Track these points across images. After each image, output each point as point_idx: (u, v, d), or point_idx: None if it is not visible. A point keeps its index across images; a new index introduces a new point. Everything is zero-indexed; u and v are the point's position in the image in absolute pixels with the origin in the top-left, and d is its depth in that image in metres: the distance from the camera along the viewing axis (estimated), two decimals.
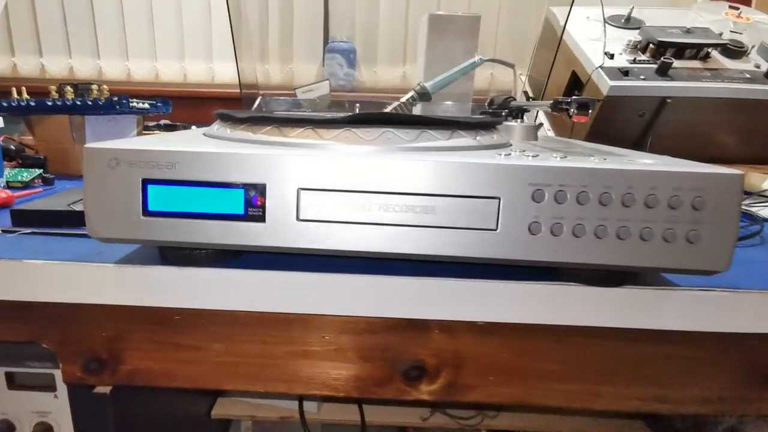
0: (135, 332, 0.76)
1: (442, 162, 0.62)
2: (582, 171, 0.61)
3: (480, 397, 0.76)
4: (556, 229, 0.62)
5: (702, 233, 0.61)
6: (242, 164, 0.63)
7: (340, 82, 2.38)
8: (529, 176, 0.61)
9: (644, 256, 0.62)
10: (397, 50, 2.62)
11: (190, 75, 2.71)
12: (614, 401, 0.76)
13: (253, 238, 0.65)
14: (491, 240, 0.63)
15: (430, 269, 0.72)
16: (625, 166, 0.61)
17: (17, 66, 2.70)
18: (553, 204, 0.62)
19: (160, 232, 0.65)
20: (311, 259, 0.73)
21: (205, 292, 0.71)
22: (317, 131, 0.70)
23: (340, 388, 0.77)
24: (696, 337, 0.72)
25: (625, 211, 0.61)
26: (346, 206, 0.63)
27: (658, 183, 0.60)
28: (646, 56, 1.50)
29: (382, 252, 0.64)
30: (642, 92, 1.41)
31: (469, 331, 0.74)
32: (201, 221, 0.65)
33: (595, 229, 0.62)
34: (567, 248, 0.62)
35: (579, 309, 0.70)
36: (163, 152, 0.63)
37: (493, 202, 0.62)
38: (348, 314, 0.72)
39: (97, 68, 2.70)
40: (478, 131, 0.76)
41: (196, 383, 0.77)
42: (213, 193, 0.64)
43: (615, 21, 1.63)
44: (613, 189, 0.61)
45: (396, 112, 0.72)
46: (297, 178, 0.63)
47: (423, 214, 0.63)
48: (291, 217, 0.64)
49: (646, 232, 0.61)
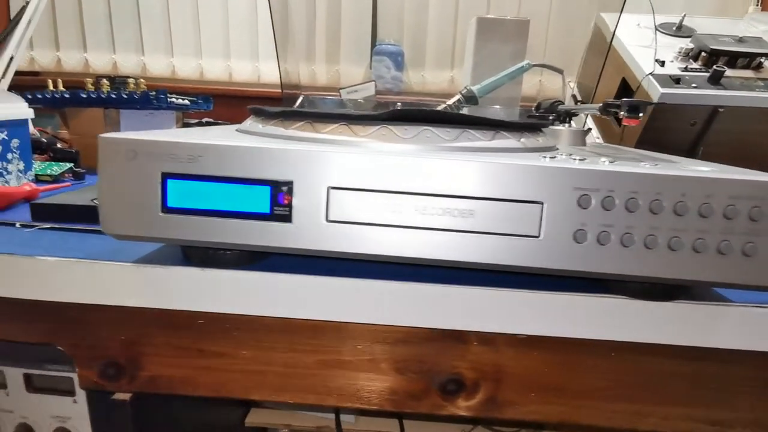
0: (155, 336, 0.73)
1: (482, 163, 0.58)
2: (632, 176, 0.57)
3: (520, 414, 0.73)
4: (603, 237, 0.58)
5: (759, 246, 0.57)
6: (268, 160, 0.59)
7: (387, 85, 2.35)
8: (575, 180, 0.58)
9: (697, 269, 0.58)
10: (446, 54, 2.59)
11: (235, 74, 2.69)
12: (663, 422, 0.72)
13: (280, 239, 0.61)
14: (533, 248, 0.60)
15: (469, 277, 0.68)
16: (678, 172, 0.57)
17: (61, 60, 2.70)
18: (600, 211, 0.58)
19: (179, 230, 0.62)
20: (344, 264, 0.70)
21: (230, 296, 0.68)
22: (352, 128, 0.66)
23: (373, 401, 0.74)
24: (752, 357, 0.68)
25: (677, 221, 0.57)
26: (378, 208, 0.60)
27: (713, 191, 0.56)
28: (698, 64, 1.46)
29: (417, 258, 0.61)
30: (693, 100, 1.37)
31: (510, 344, 0.70)
32: (224, 220, 0.61)
33: (645, 239, 0.58)
34: (614, 259, 0.59)
35: (627, 324, 0.66)
36: (184, 144, 0.60)
37: (536, 207, 0.59)
38: (382, 323, 0.69)
39: (141, 64, 2.70)
40: (523, 133, 0.73)
41: (220, 392, 0.74)
42: (237, 189, 0.60)
43: (666, 29, 1.59)
44: (665, 196, 0.57)
45: (435, 110, 0.69)
46: (327, 176, 0.59)
47: (461, 218, 0.59)
48: (320, 218, 0.60)
49: (700, 244, 0.57)
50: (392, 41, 2.46)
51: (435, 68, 2.62)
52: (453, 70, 2.62)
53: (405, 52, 2.45)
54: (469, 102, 1.35)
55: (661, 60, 1.45)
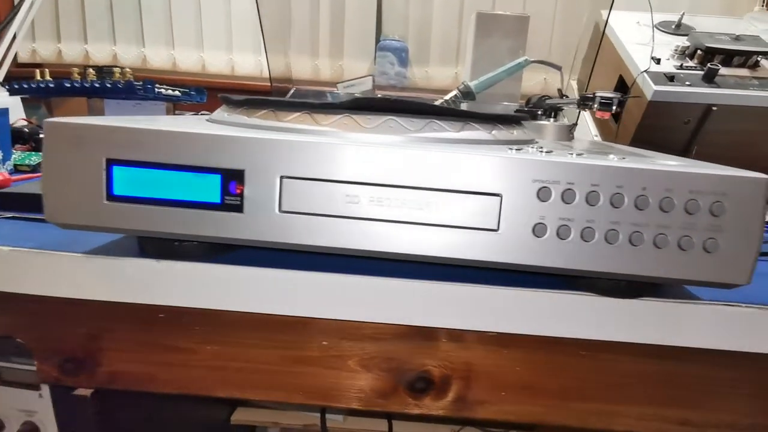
0: (114, 331, 0.71)
1: (439, 153, 0.57)
2: (592, 168, 0.55)
3: (491, 414, 0.71)
4: (562, 231, 0.57)
5: (721, 242, 0.56)
6: (219, 147, 0.58)
7: (390, 81, 2.34)
8: (534, 172, 0.56)
9: (658, 265, 0.57)
10: (450, 50, 2.58)
11: (237, 67, 2.68)
12: (636, 423, 0.71)
13: (230, 230, 0.59)
14: (492, 241, 0.58)
15: (438, 272, 0.66)
16: (638, 165, 0.55)
17: (62, 52, 2.69)
18: (560, 204, 0.56)
19: (125, 219, 0.60)
20: (309, 257, 0.68)
21: (191, 289, 0.66)
22: (314, 116, 0.65)
23: (340, 399, 0.72)
24: (724, 357, 0.67)
25: (638, 215, 0.56)
26: (332, 198, 0.58)
27: (674, 185, 0.55)
28: (694, 62, 1.44)
29: (371, 251, 0.59)
30: (687, 98, 1.36)
31: (480, 341, 0.69)
32: (172, 209, 0.59)
33: (606, 233, 0.56)
34: (575, 253, 0.57)
35: (596, 322, 0.65)
36: (130, 130, 0.58)
37: (495, 199, 0.57)
38: (349, 318, 0.67)
39: (142, 56, 2.69)
40: (495, 125, 0.71)
41: (183, 389, 0.73)
42: (186, 178, 0.59)
43: (665, 27, 1.58)
44: (626, 189, 0.55)
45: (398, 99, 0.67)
46: (279, 165, 0.58)
47: (418, 210, 0.58)
48: (272, 209, 0.59)
49: (661, 239, 0.56)
50: (396, 37, 2.45)
51: (439, 64, 2.61)
52: (458, 66, 2.61)
53: (409, 48, 2.44)
54: (467, 98, 1.33)
55: (657, 57, 1.44)
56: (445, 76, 2.61)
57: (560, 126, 0.97)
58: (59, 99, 1.34)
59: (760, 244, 0.56)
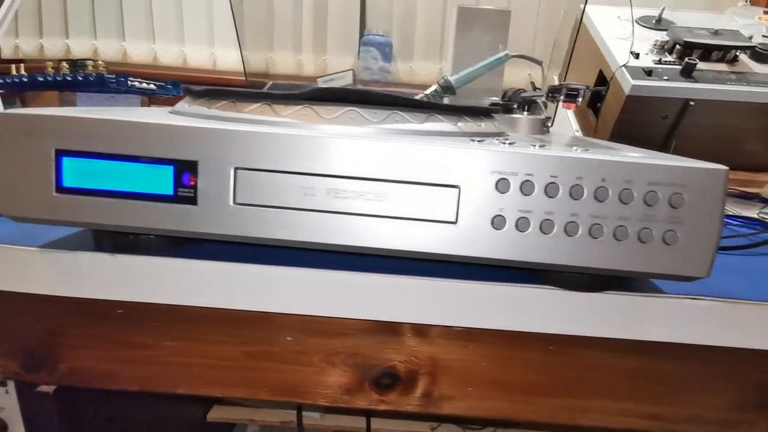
0: (73, 326, 0.70)
1: (396, 144, 0.56)
2: (550, 159, 0.55)
3: (459, 410, 0.71)
4: (521, 224, 0.56)
5: (680, 234, 0.55)
6: (171, 138, 0.56)
7: (374, 77, 2.33)
8: (492, 164, 0.55)
9: (617, 258, 0.56)
10: (434, 46, 2.57)
11: (219, 62, 2.66)
12: (603, 417, 0.70)
13: (184, 222, 0.58)
14: (450, 234, 0.57)
15: (403, 267, 0.66)
16: (597, 156, 0.55)
17: (44, 47, 2.67)
18: (519, 196, 0.56)
19: (75, 212, 0.59)
20: (273, 251, 0.67)
21: (148, 284, 0.65)
22: (273, 107, 0.64)
23: (306, 395, 0.71)
24: (692, 351, 0.66)
25: (597, 207, 0.55)
26: (288, 190, 0.57)
27: (633, 176, 0.54)
28: (673, 57, 1.44)
29: (328, 244, 0.58)
30: (664, 93, 1.35)
31: (446, 336, 0.68)
32: (123, 201, 0.58)
33: (565, 225, 0.56)
34: (534, 246, 0.56)
35: (561, 316, 0.64)
36: (80, 120, 0.57)
37: (453, 191, 0.56)
38: (312, 313, 0.67)
39: (122, 50, 2.67)
40: (461, 117, 0.70)
41: (145, 386, 0.72)
42: (137, 169, 0.57)
43: (646, 22, 1.58)
44: (585, 181, 0.55)
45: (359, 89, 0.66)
46: (233, 157, 0.56)
47: (375, 202, 0.57)
48: (227, 201, 0.57)
49: (620, 231, 0.55)
50: (380, 32, 2.44)
51: (424, 59, 2.60)
52: (442, 62, 2.60)
53: (393, 43, 2.43)
54: (447, 92, 1.33)
55: (636, 52, 1.44)
56: (429, 71, 2.60)
57: (534, 119, 0.96)
58: (33, 93, 1.33)
59: (719, 236, 0.55)
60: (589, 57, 1.55)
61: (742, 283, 0.70)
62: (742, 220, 1.07)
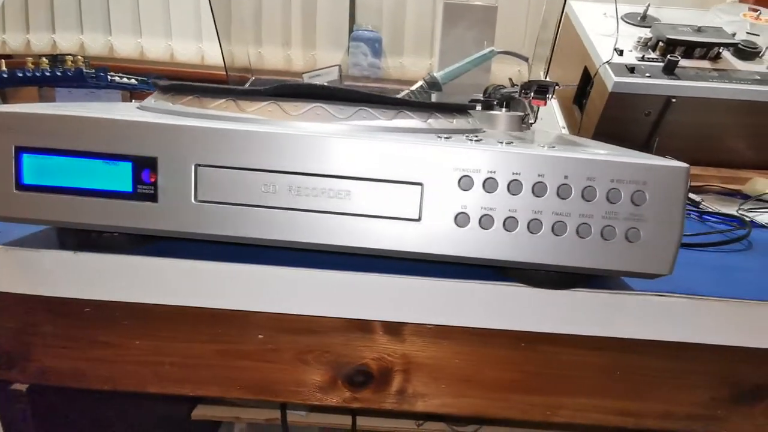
0: (41, 325, 0.69)
1: (359, 140, 0.55)
2: (512, 156, 0.54)
3: (433, 407, 0.70)
4: (485, 221, 0.55)
5: (642, 231, 0.55)
6: (130, 134, 0.56)
7: (364, 72, 2.32)
8: (455, 161, 0.55)
9: (581, 255, 0.56)
10: (424, 41, 2.57)
11: (207, 57, 2.66)
12: (576, 414, 0.70)
13: (144, 220, 0.58)
14: (414, 232, 0.57)
15: (374, 264, 0.65)
16: (559, 153, 0.54)
17: (31, 43, 2.67)
18: (482, 193, 0.55)
19: (35, 209, 0.58)
20: (244, 249, 0.66)
21: (114, 283, 0.65)
22: (239, 103, 0.63)
23: (278, 393, 0.71)
24: (661, 347, 0.67)
25: (560, 204, 0.55)
26: (248, 187, 0.56)
27: (595, 173, 0.54)
28: (656, 54, 1.44)
29: (290, 241, 0.58)
30: (646, 90, 1.36)
31: (418, 334, 0.68)
32: (83, 199, 0.58)
33: (528, 222, 0.55)
34: (497, 243, 0.56)
35: (532, 313, 0.64)
36: (39, 116, 0.56)
37: (416, 188, 0.56)
38: (283, 312, 0.66)
39: (109, 45, 2.66)
40: (432, 114, 0.69)
41: (115, 385, 0.71)
42: (98, 166, 0.57)
43: (631, 18, 1.58)
44: (547, 178, 0.54)
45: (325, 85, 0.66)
46: (194, 153, 0.56)
47: (337, 199, 0.56)
48: (188, 198, 0.57)
49: (583, 228, 0.55)
50: (370, 27, 2.44)
51: (414, 55, 2.60)
52: (432, 57, 2.60)
53: (383, 39, 2.43)
54: (433, 88, 1.32)
55: (620, 49, 1.44)
56: (420, 67, 2.60)
57: (512, 116, 0.95)
58: (13, 89, 1.32)
59: (681, 233, 0.55)
60: (575, 53, 1.55)
61: (711, 279, 0.71)
62: (720, 216, 1.07)
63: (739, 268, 0.77)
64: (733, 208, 1.15)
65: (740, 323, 0.64)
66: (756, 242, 0.91)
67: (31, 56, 1.37)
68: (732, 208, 1.15)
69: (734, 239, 0.88)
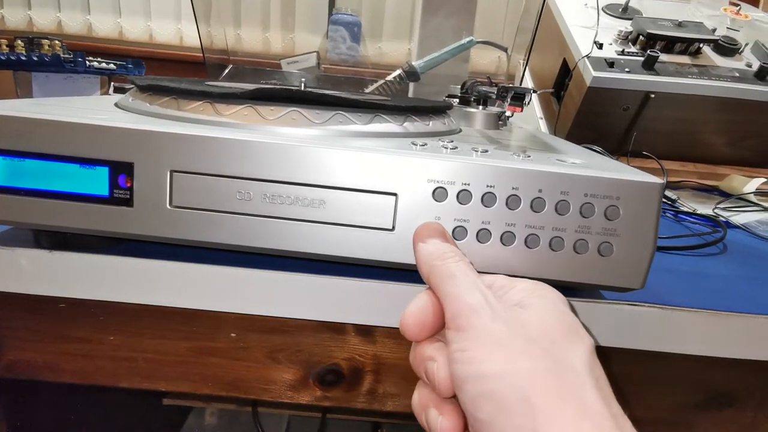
0: (13, 320, 0.69)
1: (333, 149, 0.55)
2: (487, 169, 0.54)
3: (403, 407, 0.71)
4: (458, 233, 0.56)
5: (615, 246, 0.55)
6: (106, 139, 0.55)
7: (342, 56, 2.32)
8: (429, 172, 0.55)
9: (553, 268, 0.56)
10: (404, 26, 2.57)
11: (186, 38, 2.64)
12: None
13: (119, 224, 0.57)
14: (388, 241, 0.57)
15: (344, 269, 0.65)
16: (534, 166, 0.54)
17: (5, 18, 2.63)
18: (456, 204, 0.55)
19: (10, 212, 0.58)
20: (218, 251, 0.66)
21: (88, 281, 0.64)
22: (215, 106, 0.63)
23: (249, 391, 0.71)
24: (631, 354, 0.67)
25: (534, 217, 0.55)
26: (223, 194, 0.56)
27: (569, 187, 0.54)
28: (636, 48, 1.44)
29: (264, 248, 0.58)
30: (625, 85, 1.36)
31: (389, 335, 0.68)
32: (58, 202, 0.57)
33: (502, 235, 0.55)
34: (470, 255, 0.56)
35: None
36: (11, 118, 0.56)
37: (390, 198, 0.56)
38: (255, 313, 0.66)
39: (87, 24, 2.63)
40: (408, 117, 0.69)
41: (87, 379, 0.71)
42: (73, 170, 0.56)
43: (612, 10, 1.58)
44: (521, 191, 0.54)
45: (302, 89, 0.66)
46: (169, 159, 0.56)
47: (311, 207, 0.56)
48: (163, 203, 0.57)
49: (556, 242, 0.55)
50: (349, 11, 2.43)
51: (393, 40, 2.60)
52: (411, 42, 2.59)
53: (362, 23, 2.42)
54: (411, 78, 1.31)
55: (599, 42, 1.44)
56: (399, 52, 2.59)
57: (487, 114, 0.95)
58: None
59: (653, 248, 0.56)
60: (555, 45, 1.56)
61: (684, 286, 0.71)
62: (696, 217, 1.07)
63: (712, 274, 0.77)
64: (709, 206, 1.16)
65: (710, 334, 0.64)
66: (730, 245, 0.92)
67: (6, 34, 1.36)
68: (708, 206, 1.16)
69: (709, 243, 0.89)
